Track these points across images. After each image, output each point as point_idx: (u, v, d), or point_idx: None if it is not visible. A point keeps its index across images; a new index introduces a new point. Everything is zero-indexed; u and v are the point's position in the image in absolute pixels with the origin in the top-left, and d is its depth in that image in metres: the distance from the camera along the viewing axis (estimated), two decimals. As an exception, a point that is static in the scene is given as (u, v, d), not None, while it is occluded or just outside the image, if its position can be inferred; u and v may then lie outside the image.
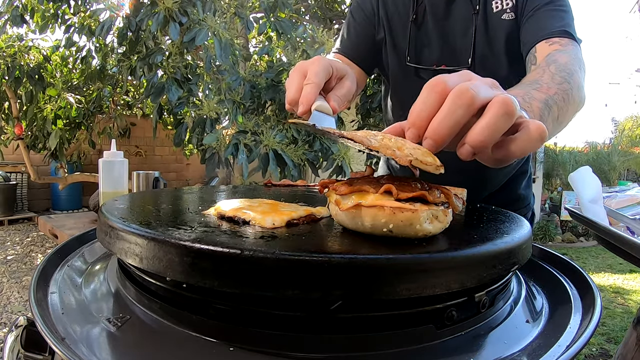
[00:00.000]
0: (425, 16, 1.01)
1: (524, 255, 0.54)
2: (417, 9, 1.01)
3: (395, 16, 1.05)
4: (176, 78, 2.92)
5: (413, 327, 0.47)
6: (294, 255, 0.41)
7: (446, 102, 0.43)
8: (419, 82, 1.01)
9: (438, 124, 0.44)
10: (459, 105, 0.43)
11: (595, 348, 2.68)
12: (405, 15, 1.03)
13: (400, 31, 1.04)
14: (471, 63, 0.96)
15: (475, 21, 0.97)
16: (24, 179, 6.00)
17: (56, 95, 4.21)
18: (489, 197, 1.11)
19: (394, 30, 1.05)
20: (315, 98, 0.66)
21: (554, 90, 0.66)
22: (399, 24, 1.04)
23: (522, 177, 1.16)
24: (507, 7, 0.96)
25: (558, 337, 0.49)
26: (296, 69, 0.70)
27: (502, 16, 0.96)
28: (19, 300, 3.15)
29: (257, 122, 2.94)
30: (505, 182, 1.11)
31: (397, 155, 0.46)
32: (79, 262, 0.70)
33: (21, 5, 3.78)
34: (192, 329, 0.47)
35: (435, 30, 1.00)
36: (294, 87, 0.68)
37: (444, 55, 0.99)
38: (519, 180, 1.15)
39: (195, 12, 2.85)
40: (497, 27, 0.96)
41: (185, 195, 0.83)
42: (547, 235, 5.61)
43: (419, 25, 1.01)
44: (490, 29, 0.97)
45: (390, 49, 1.05)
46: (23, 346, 0.54)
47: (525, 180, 1.17)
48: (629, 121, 8.60)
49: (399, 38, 1.04)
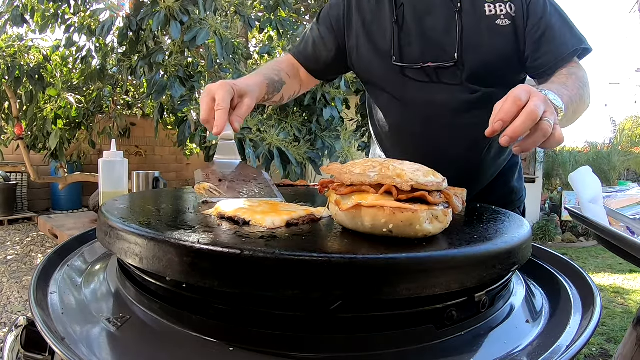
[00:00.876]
0: (405, 16, 1.03)
1: (523, 255, 0.54)
2: (397, 11, 1.03)
3: (374, 22, 1.07)
4: (179, 76, 2.92)
5: (413, 327, 0.47)
6: (294, 255, 0.41)
7: (523, 115, 0.64)
8: (406, 80, 1.03)
9: (515, 129, 0.64)
10: (530, 120, 0.63)
11: (595, 348, 2.68)
12: (384, 18, 1.05)
13: (381, 34, 1.06)
14: (458, 59, 0.98)
15: (459, 18, 0.98)
16: (24, 179, 6.00)
17: (56, 95, 4.20)
18: (485, 192, 1.11)
19: (373, 35, 1.07)
20: (226, 121, 0.82)
21: (574, 92, 0.86)
22: (379, 27, 1.06)
23: (514, 169, 1.17)
24: (502, 13, 0.98)
25: (558, 337, 0.49)
26: (206, 93, 0.85)
27: (495, 21, 0.98)
28: (19, 300, 3.15)
29: (260, 120, 2.94)
30: (498, 175, 1.12)
31: (397, 183, 0.49)
32: (79, 262, 0.70)
33: (21, 5, 3.78)
34: (192, 329, 0.47)
35: (416, 29, 1.02)
36: (206, 109, 0.83)
37: (428, 53, 1.01)
38: (511, 172, 1.17)
39: (196, 12, 2.85)
40: (489, 30, 0.98)
41: (185, 195, 0.83)
42: (547, 235, 5.60)
43: (400, 26, 1.04)
44: (481, 30, 0.98)
45: (371, 52, 1.07)
46: (23, 346, 0.53)
47: (517, 173, 1.19)
48: (629, 121, 8.59)
49: (380, 41, 1.06)
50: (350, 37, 1.10)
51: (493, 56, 0.98)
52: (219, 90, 0.83)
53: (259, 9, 3.74)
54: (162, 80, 2.91)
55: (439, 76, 1.01)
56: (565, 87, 0.84)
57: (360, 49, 1.09)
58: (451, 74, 1.00)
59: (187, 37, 2.76)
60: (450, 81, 1.00)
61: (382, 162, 0.53)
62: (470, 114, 1.00)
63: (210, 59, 2.98)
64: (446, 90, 1.01)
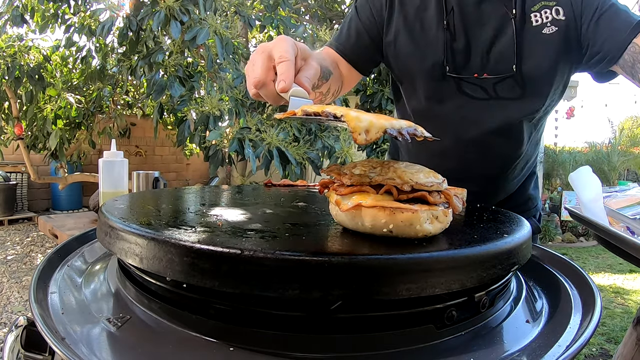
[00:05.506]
0: (455, 23, 0.96)
1: (524, 255, 0.54)
2: (447, 17, 0.95)
3: (417, 20, 0.99)
4: (178, 75, 2.92)
5: (413, 327, 0.47)
6: (294, 255, 0.41)
7: None
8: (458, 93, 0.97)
9: None
10: None
11: (595, 348, 2.68)
12: (430, 20, 0.98)
13: (427, 37, 0.98)
14: (516, 70, 0.92)
15: (515, 25, 0.92)
16: (24, 179, 6.00)
17: (56, 95, 4.21)
18: (503, 201, 1.11)
19: (415, 34, 0.99)
20: (294, 74, 0.62)
21: None
22: (422, 28, 0.98)
23: (532, 177, 1.17)
24: (547, 20, 0.92)
25: (558, 337, 0.49)
26: (258, 51, 0.65)
27: (542, 30, 0.92)
28: (19, 300, 3.15)
29: (260, 119, 2.94)
30: None
31: (398, 183, 0.49)
32: (79, 262, 0.70)
33: (21, 5, 3.78)
34: (192, 329, 0.47)
35: (467, 37, 0.95)
36: (261, 68, 0.63)
37: (483, 63, 0.95)
38: (529, 181, 1.16)
39: (196, 12, 2.85)
40: (537, 41, 0.93)
41: (185, 195, 0.83)
42: (547, 235, 5.60)
43: (452, 34, 0.96)
44: (529, 41, 0.93)
45: (413, 54, 0.99)
46: (23, 346, 0.53)
47: (534, 181, 1.18)
48: (629, 121, 8.59)
49: (424, 43, 0.98)
50: (390, 31, 1.02)
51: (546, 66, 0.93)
52: (277, 45, 0.64)
53: (259, 8, 3.74)
54: (162, 80, 2.91)
55: (496, 90, 0.95)
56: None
57: (399, 46, 1.01)
58: (509, 87, 0.94)
59: (187, 36, 2.76)
60: (508, 95, 0.94)
61: (382, 163, 0.53)
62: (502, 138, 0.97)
63: (210, 58, 2.98)
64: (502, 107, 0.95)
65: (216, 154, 2.82)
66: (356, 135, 0.45)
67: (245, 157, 2.66)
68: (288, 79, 0.60)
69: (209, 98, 2.88)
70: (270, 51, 0.63)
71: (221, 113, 2.90)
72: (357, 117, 0.45)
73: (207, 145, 2.89)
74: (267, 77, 0.63)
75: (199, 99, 3.04)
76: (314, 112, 0.49)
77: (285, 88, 0.60)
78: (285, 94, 0.61)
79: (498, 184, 1.06)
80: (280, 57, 0.62)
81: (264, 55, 0.63)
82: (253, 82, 0.63)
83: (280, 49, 0.63)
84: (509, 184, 1.09)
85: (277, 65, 0.62)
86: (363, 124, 0.45)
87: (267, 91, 0.64)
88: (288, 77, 0.60)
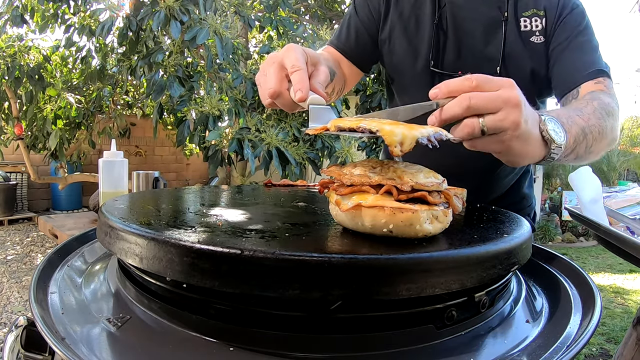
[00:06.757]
0: (447, 19, 0.98)
1: (524, 255, 0.54)
2: (439, 11, 0.97)
3: (412, 17, 1.01)
4: (178, 75, 2.92)
5: (413, 327, 0.47)
6: (294, 255, 0.41)
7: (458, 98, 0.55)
8: None
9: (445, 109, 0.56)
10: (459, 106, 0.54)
11: (595, 348, 2.68)
12: (424, 15, 0.99)
13: (419, 33, 1.00)
14: (500, 72, 0.92)
15: (505, 28, 0.93)
16: (24, 179, 6.00)
17: (56, 95, 4.21)
18: (497, 199, 1.11)
19: (409, 31, 1.01)
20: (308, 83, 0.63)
21: (592, 122, 0.72)
22: (416, 24, 1.00)
23: (526, 176, 1.17)
24: (537, 29, 0.93)
25: (558, 337, 0.49)
26: (269, 62, 0.66)
27: (530, 38, 0.94)
28: (19, 300, 3.14)
29: (259, 119, 2.94)
30: None
31: (398, 183, 0.49)
32: (79, 262, 0.70)
33: (21, 5, 3.78)
34: (192, 329, 0.47)
35: (457, 35, 0.97)
36: (275, 78, 0.64)
37: (469, 62, 0.96)
38: (523, 179, 1.16)
39: (195, 12, 2.85)
40: (525, 46, 0.94)
41: (185, 195, 0.83)
42: (547, 235, 5.60)
43: (443, 30, 0.97)
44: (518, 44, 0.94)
45: (405, 49, 1.01)
46: (23, 346, 0.53)
47: (528, 180, 1.18)
48: (628, 121, 8.59)
49: (417, 40, 1.00)
50: (385, 28, 1.04)
51: (528, 74, 0.94)
52: (287, 54, 0.65)
53: (259, 8, 3.74)
54: (161, 80, 2.91)
55: None
56: (580, 115, 0.71)
57: (393, 43, 1.03)
58: None
59: (187, 36, 2.76)
60: None
61: (382, 163, 0.53)
62: None
63: (210, 58, 2.98)
64: None
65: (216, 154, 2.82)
66: (392, 148, 0.47)
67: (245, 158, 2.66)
68: (304, 88, 0.61)
69: (208, 98, 2.88)
70: (282, 61, 0.65)
71: (221, 113, 2.90)
72: (392, 132, 0.47)
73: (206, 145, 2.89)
74: (282, 86, 0.64)
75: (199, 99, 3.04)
76: (349, 127, 0.50)
77: (303, 97, 0.61)
78: (303, 103, 0.61)
79: (491, 181, 1.07)
80: (293, 67, 0.63)
81: (276, 66, 0.65)
82: (269, 93, 0.64)
83: (291, 58, 0.64)
84: (502, 181, 1.09)
85: (290, 75, 0.63)
86: (397, 137, 0.47)
87: (283, 100, 0.65)
88: (304, 86, 0.61)
